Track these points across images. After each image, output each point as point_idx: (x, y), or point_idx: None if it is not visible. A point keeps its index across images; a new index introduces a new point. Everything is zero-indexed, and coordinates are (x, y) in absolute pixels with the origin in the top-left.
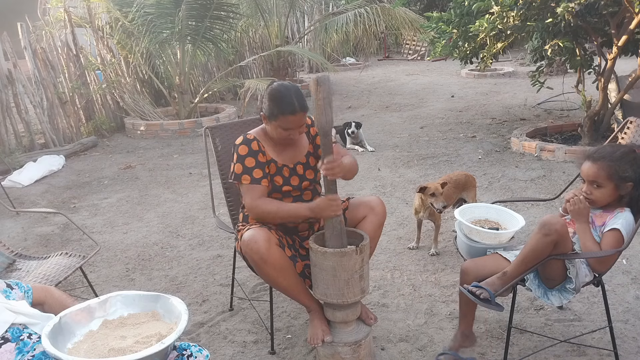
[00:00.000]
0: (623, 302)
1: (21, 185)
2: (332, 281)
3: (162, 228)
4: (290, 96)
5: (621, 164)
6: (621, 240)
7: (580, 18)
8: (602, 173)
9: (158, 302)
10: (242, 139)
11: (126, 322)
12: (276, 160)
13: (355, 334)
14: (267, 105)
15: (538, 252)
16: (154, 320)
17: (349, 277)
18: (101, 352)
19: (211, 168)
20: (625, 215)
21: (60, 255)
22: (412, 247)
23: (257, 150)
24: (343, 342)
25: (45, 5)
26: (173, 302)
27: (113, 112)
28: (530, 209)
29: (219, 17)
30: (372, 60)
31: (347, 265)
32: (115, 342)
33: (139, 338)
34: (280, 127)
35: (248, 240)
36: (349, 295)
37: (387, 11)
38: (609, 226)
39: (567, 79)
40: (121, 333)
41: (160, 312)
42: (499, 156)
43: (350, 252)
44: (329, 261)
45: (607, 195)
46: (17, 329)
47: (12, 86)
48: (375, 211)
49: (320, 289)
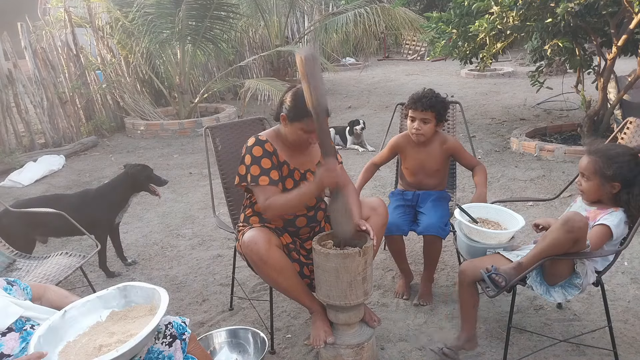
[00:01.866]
0: (622, 302)
1: (21, 185)
2: (335, 283)
3: (162, 228)
4: None
5: (610, 162)
6: (608, 234)
7: (579, 18)
8: (589, 166)
9: (153, 294)
10: (255, 140)
11: (128, 315)
12: (289, 162)
13: (359, 336)
14: (290, 106)
15: (558, 248)
16: (150, 315)
17: (351, 279)
18: (88, 350)
19: (211, 168)
20: (617, 214)
21: (60, 255)
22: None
23: (271, 152)
24: (346, 344)
25: (45, 5)
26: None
27: (113, 112)
28: (530, 208)
29: (219, 17)
30: (371, 60)
31: (350, 267)
32: (102, 339)
33: (122, 337)
34: (302, 129)
35: (248, 241)
36: (352, 298)
37: (386, 11)
38: (598, 221)
39: (567, 79)
40: (113, 329)
41: (155, 305)
42: (498, 156)
43: (353, 253)
44: (331, 263)
45: (592, 189)
46: (20, 321)
47: (12, 86)
48: (378, 212)
49: (323, 290)
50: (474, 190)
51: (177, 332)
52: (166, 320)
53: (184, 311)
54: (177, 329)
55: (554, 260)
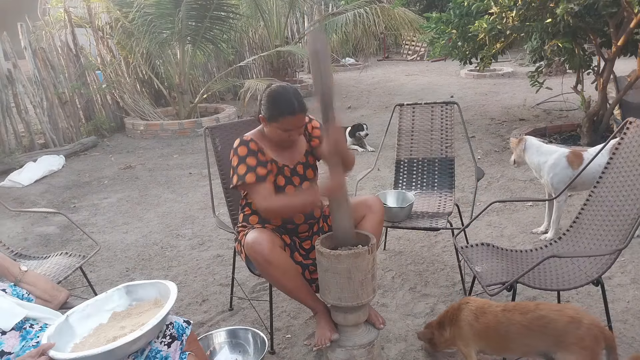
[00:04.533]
0: (622, 302)
1: (21, 185)
2: (347, 284)
3: (162, 228)
4: (289, 97)
5: None
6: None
7: (579, 18)
8: None
9: (157, 288)
10: (239, 140)
11: (132, 312)
12: (276, 160)
13: (367, 335)
14: (266, 107)
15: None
16: (156, 308)
17: (363, 277)
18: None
19: (211, 168)
20: None
21: (60, 255)
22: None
23: (256, 150)
24: (358, 345)
25: (45, 5)
26: (167, 285)
27: (113, 112)
28: (530, 209)
29: (219, 17)
30: (371, 61)
31: (361, 266)
32: (115, 332)
33: (135, 327)
34: (280, 128)
35: (252, 242)
36: (363, 296)
37: (386, 11)
38: None
39: (566, 79)
40: (123, 324)
41: (160, 298)
42: (498, 156)
43: (364, 252)
44: (343, 264)
45: None
46: (20, 320)
47: (12, 86)
48: (374, 209)
49: (333, 293)
50: (473, 190)
51: (177, 334)
52: (168, 320)
53: (183, 311)
54: (178, 329)
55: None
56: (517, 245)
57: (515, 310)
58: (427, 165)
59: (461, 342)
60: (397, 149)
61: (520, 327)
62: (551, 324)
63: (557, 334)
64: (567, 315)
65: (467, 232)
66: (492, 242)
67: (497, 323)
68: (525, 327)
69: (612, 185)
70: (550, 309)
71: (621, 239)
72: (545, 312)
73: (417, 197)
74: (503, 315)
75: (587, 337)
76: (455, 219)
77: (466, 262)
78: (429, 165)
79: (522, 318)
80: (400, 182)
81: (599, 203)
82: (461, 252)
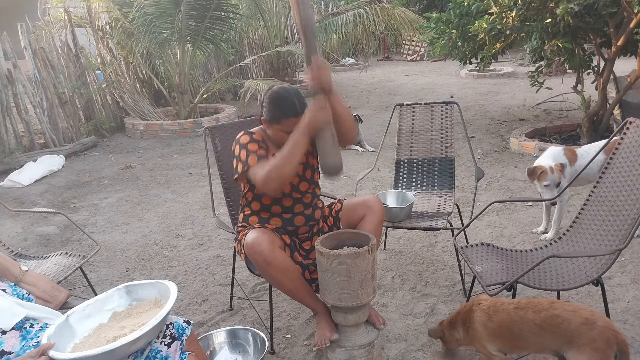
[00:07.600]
0: (622, 302)
1: (21, 185)
2: (346, 284)
3: (162, 228)
4: (291, 99)
5: None
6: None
7: (579, 18)
8: None
9: (157, 288)
10: (244, 132)
11: (132, 312)
12: None
13: (367, 336)
14: (267, 109)
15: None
16: (156, 308)
17: (362, 277)
18: (101, 344)
19: (211, 168)
20: None
21: (60, 255)
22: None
23: (259, 140)
24: (358, 345)
25: (45, 5)
26: (167, 285)
27: (113, 112)
28: (530, 209)
29: (219, 17)
30: (371, 61)
31: (361, 266)
32: (115, 332)
33: (135, 327)
34: (282, 130)
35: (252, 242)
36: (363, 297)
37: (386, 11)
38: None
39: (566, 79)
40: (123, 324)
41: (160, 298)
42: (498, 156)
43: (363, 252)
44: (343, 264)
45: None
46: (20, 320)
47: (12, 86)
48: (373, 209)
49: (333, 293)
50: (473, 190)
51: (177, 334)
52: (168, 320)
53: (183, 311)
54: (178, 330)
55: None
56: (517, 245)
57: (528, 307)
58: (427, 165)
59: (478, 343)
60: (397, 149)
61: (533, 325)
62: (564, 324)
63: (570, 334)
64: (581, 316)
65: (467, 232)
66: (492, 242)
67: (510, 322)
68: (538, 325)
69: (612, 185)
70: (564, 308)
71: (621, 239)
72: (559, 311)
73: (417, 197)
74: (516, 314)
75: (600, 339)
76: (455, 219)
77: (466, 262)
78: (429, 165)
79: (535, 316)
80: (400, 182)
81: (599, 203)
82: (461, 252)
